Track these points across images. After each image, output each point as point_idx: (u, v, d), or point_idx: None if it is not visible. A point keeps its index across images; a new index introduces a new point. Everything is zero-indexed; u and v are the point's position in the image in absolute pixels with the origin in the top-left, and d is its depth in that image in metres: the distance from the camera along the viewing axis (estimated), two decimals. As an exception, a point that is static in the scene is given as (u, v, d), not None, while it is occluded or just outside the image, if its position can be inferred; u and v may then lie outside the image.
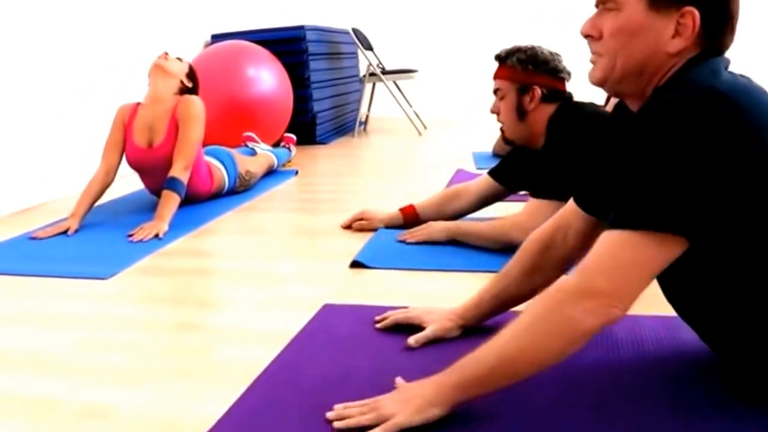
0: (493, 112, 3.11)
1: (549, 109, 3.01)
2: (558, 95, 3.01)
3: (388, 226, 3.53)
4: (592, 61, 1.70)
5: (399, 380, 1.83)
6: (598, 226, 1.94)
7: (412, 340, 2.14)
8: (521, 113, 3.03)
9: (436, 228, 3.21)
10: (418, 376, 1.90)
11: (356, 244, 3.27)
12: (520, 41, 3.19)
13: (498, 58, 3.09)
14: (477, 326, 2.20)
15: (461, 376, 1.65)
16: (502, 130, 3.15)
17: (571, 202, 2.01)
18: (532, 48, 3.03)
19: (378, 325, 2.29)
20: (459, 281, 2.76)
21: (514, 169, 3.31)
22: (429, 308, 2.29)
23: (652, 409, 1.72)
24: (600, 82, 1.69)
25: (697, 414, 1.69)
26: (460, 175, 4.78)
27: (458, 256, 3.00)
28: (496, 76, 3.08)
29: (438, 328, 2.17)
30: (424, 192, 4.22)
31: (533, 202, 2.96)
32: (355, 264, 2.99)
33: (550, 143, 2.96)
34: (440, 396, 1.65)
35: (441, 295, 2.62)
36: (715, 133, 1.43)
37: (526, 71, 3.00)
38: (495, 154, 5.56)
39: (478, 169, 5.11)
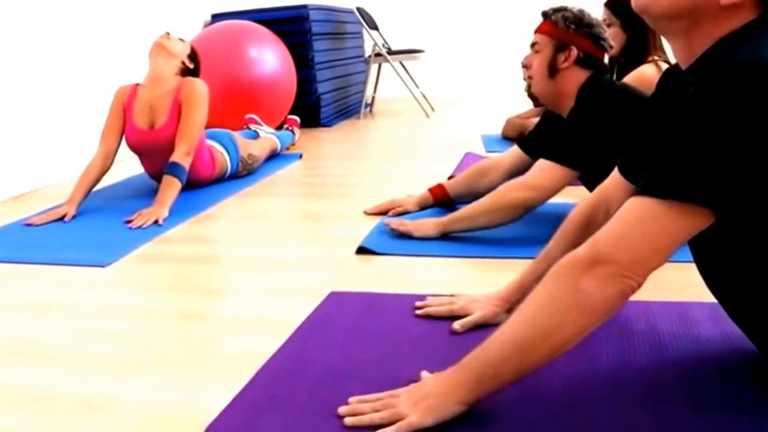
0: (524, 64, 3.08)
1: (581, 75, 2.97)
2: (594, 62, 2.98)
3: (421, 208, 3.53)
4: None
5: (424, 373, 1.80)
6: None
7: (457, 325, 2.13)
8: (552, 70, 2.98)
9: (427, 224, 3.12)
10: (431, 365, 1.89)
11: (363, 229, 3.26)
12: (530, 18, 3.15)
13: (544, 14, 3.06)
14: None
15: (474, 371, 1.61)
16: (529, 84, 3.12)
17: (614, 173, 1.97)
18: (581, 10, 3.00)
19: (418, 312, 2.28)
20: (469, 268, 2.74)
21: (543, 140, 3.29)
22: (471, 297, 2.28)
23: (669, 404, 1.71)
24: (641, 9, 1.63)
25: (715, 409, 1.67)
26: (469, 158, 4.76)
27: (468, 243, 2.98)
28: (538, 31, 3.04)
29: (485, 314, 2.16)
30: (433, 176, 4.21)
31: (542, 162, 2.92)
32: (362, 250, 2.98)
33: (577, 110, 2.92)
34: (454, 395, 1.61)
35: (450, 282, 2.60)
36: (760, 110, 1.39)
37: (568, 30, 2.96)
38: (504, 137, 5.53)
39: (488, 152, 5.09)
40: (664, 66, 4.03)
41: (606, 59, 3.03)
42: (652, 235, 1.48)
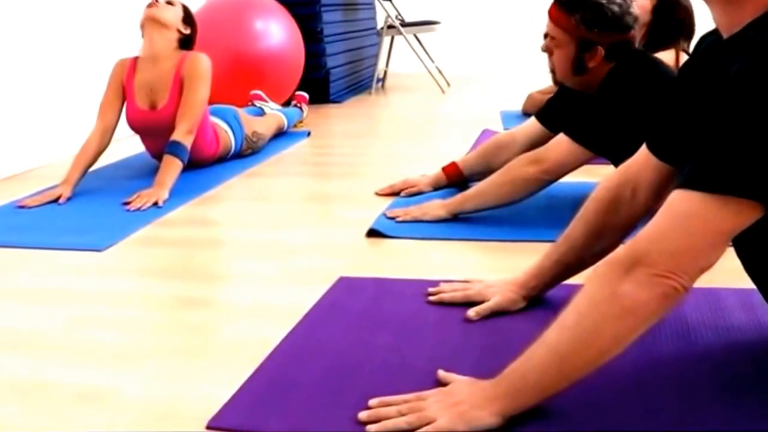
0: (544, 51, 3.02)
1: (610, 64, 2.91)
2: (623, 47, 2.91)
3: (435, 188, 3.53)
4: None
5: (441, 372, 1.78)
6: (673, 178, 1.85)
7: (472, 312, 2.12)
8: (580, 69, 2.94)
9: (434, 205, 3.13)
10: (443, 353, 1.89)
11: (374, 211, 3.25)
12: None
13: (559, 1, 2.94)
14: (540, 296, 2.19)
15: (512, 382, 1.58)
16: (552, 70, 3.06)
17: (642, 150, 1.94)
18: (600, 5, 2.86)
19: (431, 298, 2.27)
20: (485, 251, 2.74)
21: (564, 112, 3.26)
22: (487, 282, 2.27)
23: (697, 395, 1.70)
24: None
25: (747, 401, 1.67)
26: (486, 136, 4.75)
27: (484, 225, 2.99)
28: (553, 21, 2.95)
29: (501, 300, 2.15)
30: (448, 154, 4.19)
31: (560, 136, 2.90)
32: (372, 233, 2.98)
33: (606, 91, 2.87)
34: (491, 406, 1.57)
35: (465, 266, 2.60)
36: None
37: (591, 32, 2.87)
38: (524, 113, 5.52)
39: (506, 129, 5.06)
40: (685, 57, 4.02)
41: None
42: (696, 232, 1.45)
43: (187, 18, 4.07)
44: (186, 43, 4.04)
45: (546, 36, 3.00)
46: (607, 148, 2.83)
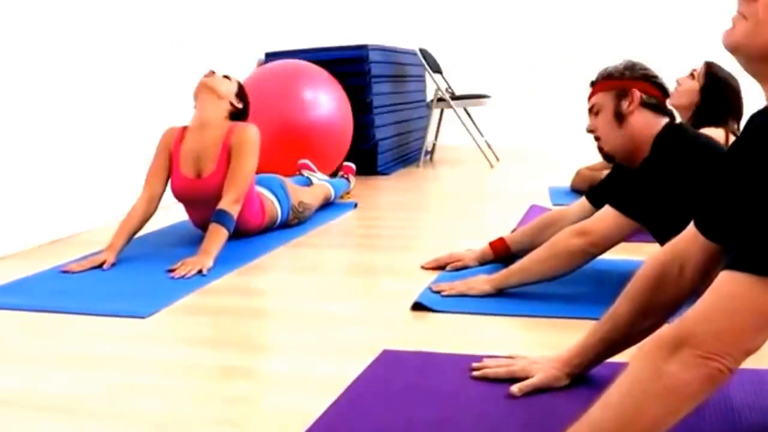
0: (589, 130, 3.08)
1: (652, 120, 2.96)
2: (659, 106, 2.98)
3: (481, 263, 3.53)
4: (733, 20, 1.60)
5: None
6: (721, 257, 1.84)
7: (515, 388, 2.12)
8: (619, 117, 2.98)
9: (479, 280, 3.14)
10: (486, 430, 1.89)
11: (419, 284, 3.26)
12: (602, 65, 3.17)
13: (593, 82, 3.11)
14: (583, 374, 2.18)
15: None
16: (600, 148, 3.10)
17: (690, 228, 1.94)
18: (629, 60, 3.05)
19: (475, 374, 2.28)
20: (529, 328, 2.74)
21: (611, 190, 3.27)
22: (531, 358, 2.27)
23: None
24: (733, 47, 1.59)
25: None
26: (534, 211, 4.75)
27: (529, 301, 2.98)
28: (592, 94, 3.08)
29: (545, 377, 2.15)
30: (495, 229, 4.20)
31: (605, 208, 2.92)
32: (418, 306, 2.98)
33: (651, 158, 2.90)
34: None
35: (510, 342, 2.60)
36: None
37: (623, 77, 3.00)
38: (573, 190, 5.52)
39: (554, 205, 5.07)
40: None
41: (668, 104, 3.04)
42: (743, 314, 1.45)
43: (241, 93, 4.14)
44: (237, 116, 4.10)
45: (590, 111, 3.07)
46: (653, 219, 2.84)
